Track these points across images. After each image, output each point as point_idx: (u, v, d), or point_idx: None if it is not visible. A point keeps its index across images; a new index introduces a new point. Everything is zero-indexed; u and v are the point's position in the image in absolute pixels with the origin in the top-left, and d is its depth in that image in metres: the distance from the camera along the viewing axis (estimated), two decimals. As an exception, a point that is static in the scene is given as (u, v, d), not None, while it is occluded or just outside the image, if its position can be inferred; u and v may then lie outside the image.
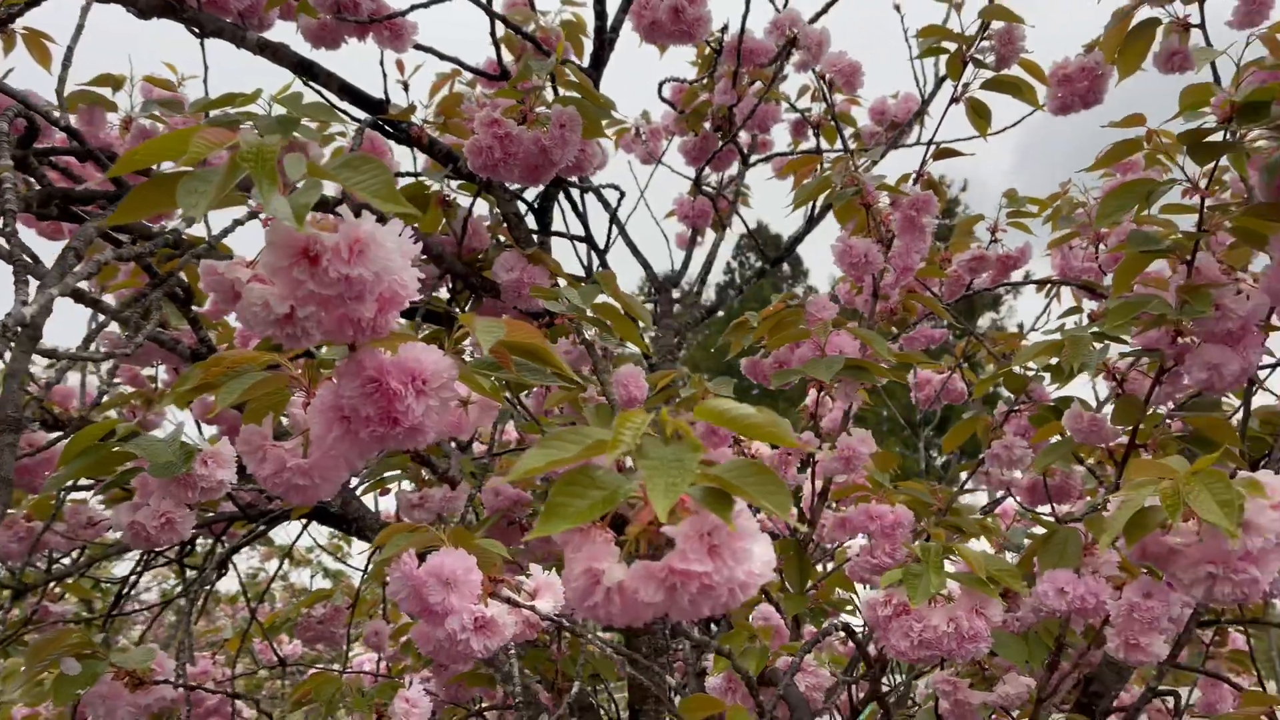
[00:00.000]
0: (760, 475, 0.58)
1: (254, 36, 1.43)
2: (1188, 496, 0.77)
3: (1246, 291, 1.16)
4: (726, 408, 0.59)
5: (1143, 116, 1.13)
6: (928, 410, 2.44)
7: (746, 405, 0.58)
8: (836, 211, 1.49)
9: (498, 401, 0.80)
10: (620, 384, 1.52)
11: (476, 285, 1.56)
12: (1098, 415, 1.27)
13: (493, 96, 1.43)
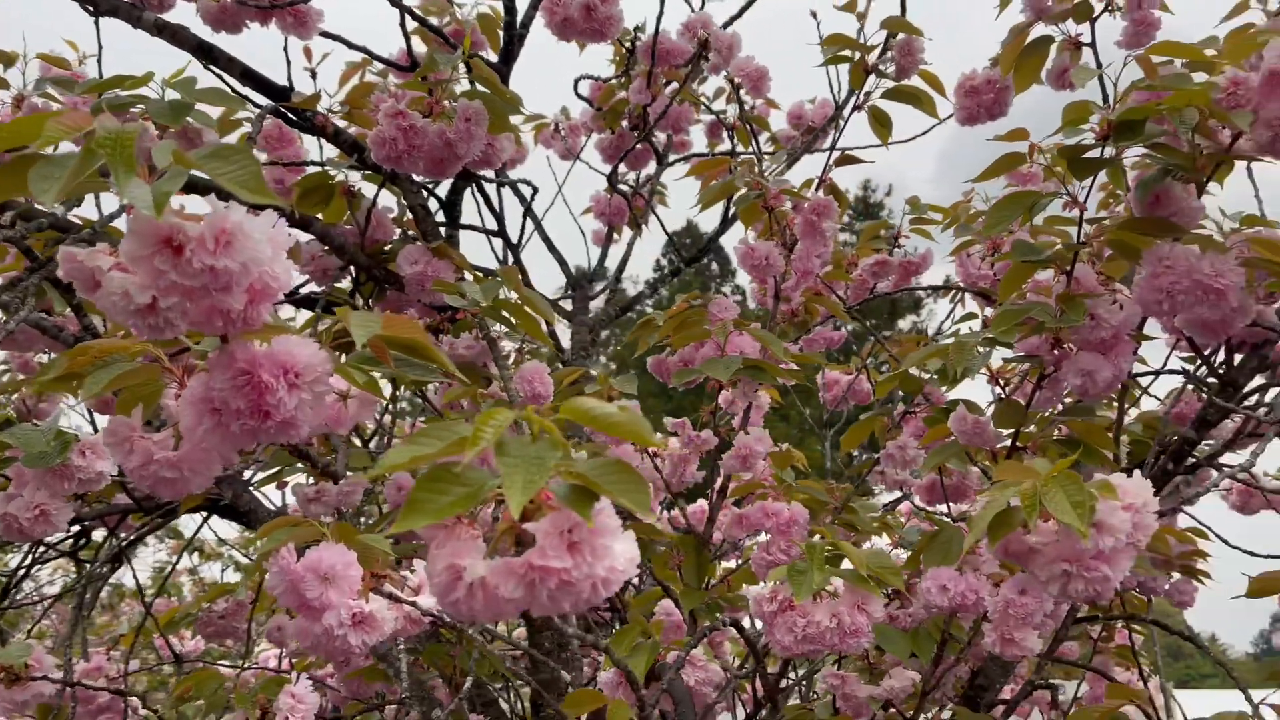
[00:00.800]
0: (622, 473, 0.59)
1: (151, 17, 1.40)
2: (1044, 498, 0.81)
3: (1121, 302, 1.22)
4: (590, 406, 0.60)
5: (1026, 131, 1.17)
6: (834, 410, 2.49)
7: (610, 405, 0.59)
8: (740, 214, 1.51)
9: (377, 396, 0.80)
10: (524, 380, 1.52)
11: (380, 278, 1.55)
12: (980, 418, 1.32)
13: (400, 88, 1.42)
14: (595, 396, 1.61)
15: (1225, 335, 1.24)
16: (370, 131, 1.39)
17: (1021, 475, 0.87)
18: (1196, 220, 1.20)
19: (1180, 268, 1.15)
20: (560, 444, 0.58)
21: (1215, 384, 1.57)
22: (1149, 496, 0.84)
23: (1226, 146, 1.20)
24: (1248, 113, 1.10)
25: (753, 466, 1.45)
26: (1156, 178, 1.18)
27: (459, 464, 0.58)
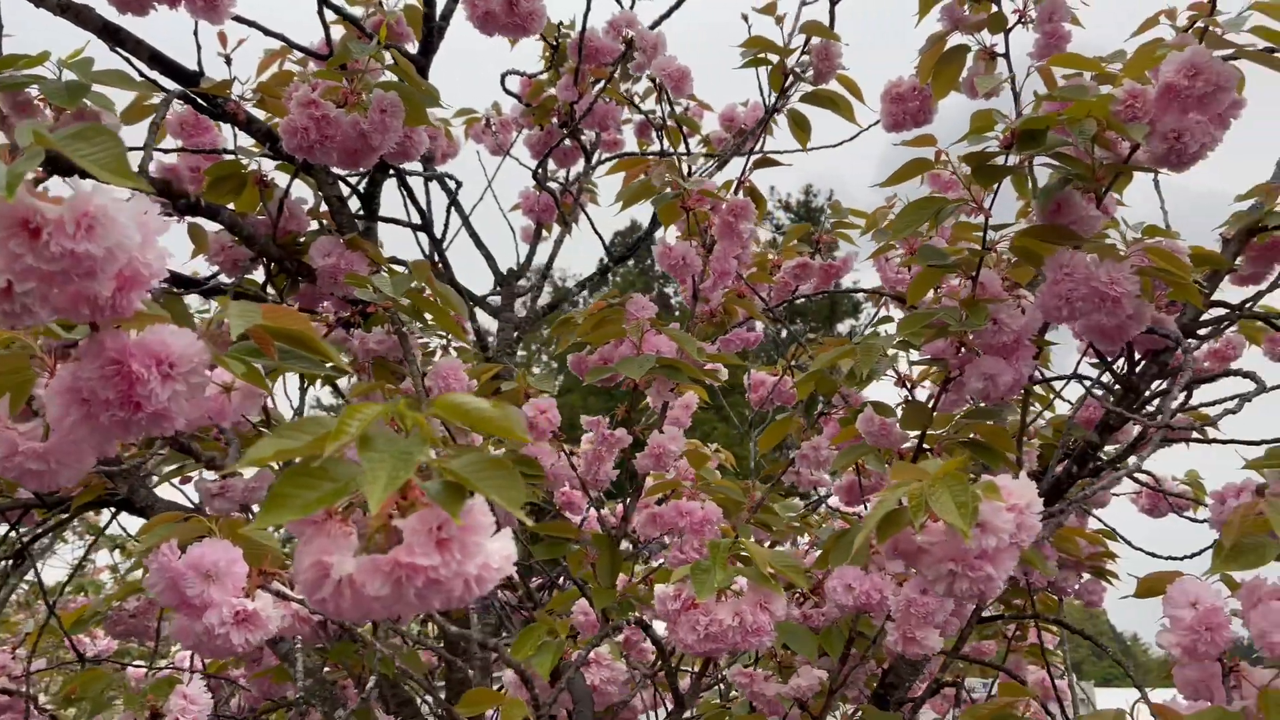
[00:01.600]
0: (496, 470, 0.58)
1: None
2: (930, 498, 0.82)
3: (1023, 307, 1.24)
4: (461, 402, 0.59)
5: (933, 137, 1.19)
6: (759, 411, 2.51)
7: (483, 400, 0.59)
8: (659, 214, 1.51)
9: (261, 388, 0.78)
10: (439, 377, 1.51)
11: (292, 270, 1.52)
12: (887, 420, 1.34)
13: (314, 76, 1.40)
14: (512, 395, 1.60)
15: (1121, 341, 1.28)
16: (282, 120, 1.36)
17: (913, 476, 0.88)
18: (1095, 228, 1.23)
19: (1079, 275, 1.18)
20: (430, 439, 0.57)
21: (1118, 389, 1.62)
22: (1033, 497, 0.85)
23: (1125, 158, 1.23)
24: (1143, 125, 1.13)
25: (666, 465, 1.45)
26: (1057, 186, 1.21)
27: (331, 458, 0.57)
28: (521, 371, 1.60)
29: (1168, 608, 0.96)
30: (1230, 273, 1.62)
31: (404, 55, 1.58)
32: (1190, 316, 1.58)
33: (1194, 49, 1.12)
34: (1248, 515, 0.87)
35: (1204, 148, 1.15)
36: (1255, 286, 1.66)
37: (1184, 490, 2.15)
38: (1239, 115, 1.19)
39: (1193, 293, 1.22)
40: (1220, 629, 0.93)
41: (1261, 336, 2.08)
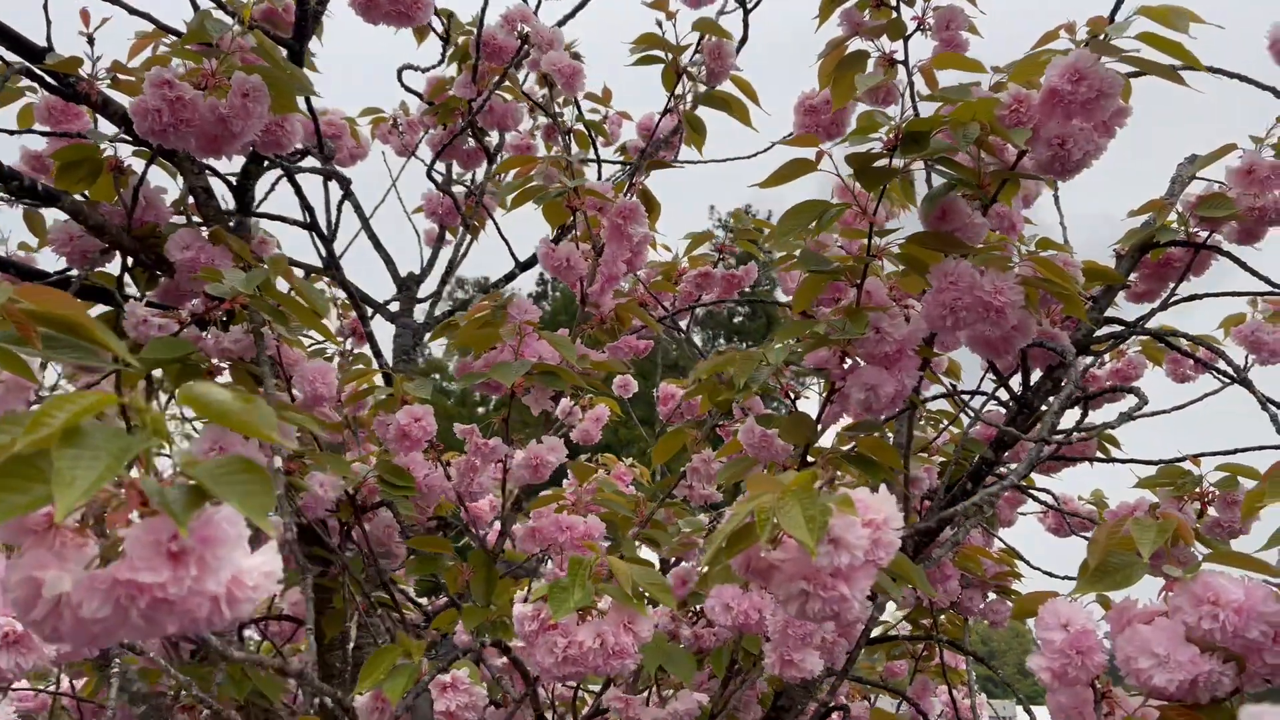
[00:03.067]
0: (246, 474, 0.51)
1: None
2: (778, 512, 0.76)
3: (906, 316, 1.20)
4: (203, 393, 0.51)
5: (815, 138, 1.15)
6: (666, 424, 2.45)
7: (226, 393, 0.51)
8: (544, 213, 1.45)
9: (29, 380, 0.69)
10: (305, 380, 1.42)
11: (149, 263, 1.42)
12: (768, 431, 1.28)
13: (171, 53, 1.30)
14: (388, 402, 1.52)
15: (1007, 354, 1.24)
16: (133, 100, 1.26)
17: (768, 488, 0.82)
18: (981, 237, 1.19)
19: (963, 284, 1.14)
20: (161, 435, 0.49)
21: (1013, 406, 1.59)
22: (892, 512, 0.80)
23: (1011, 165, 1.20)
24: (1025, 130, 1.10)
25: (543, 476, 1.38)
26: (941, 192, 1.17)
27: (44, 454, 0.49)
28: (399, 378, 1.51)
29: (1039, 630, 0.92)
30: (1124, 289, 1.60)
31: (278, 40, 1.50)
32: (1085, 333, 1.56)
33: (1078, 53, 1.09)
34: (1114, 534, 0.83)
35: (1088, 155, 1.12)
36: (1151, 304, 1.65)
37: (1090, 510, 2.14)
38: (1124, 123, 1.16)
39: (1077, 305, 1.19)
40: (1091, 653, 0.88)
41: (1163, 357, 2.09)
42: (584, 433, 2.77)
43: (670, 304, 2.02)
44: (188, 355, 1.29)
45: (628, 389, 2.75)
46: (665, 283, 2.00)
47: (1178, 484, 1.47)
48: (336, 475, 1.35)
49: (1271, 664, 0.77)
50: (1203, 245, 1.54)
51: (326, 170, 2.05)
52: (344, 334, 2.63)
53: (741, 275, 1.91)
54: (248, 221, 1.60)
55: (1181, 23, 1.06)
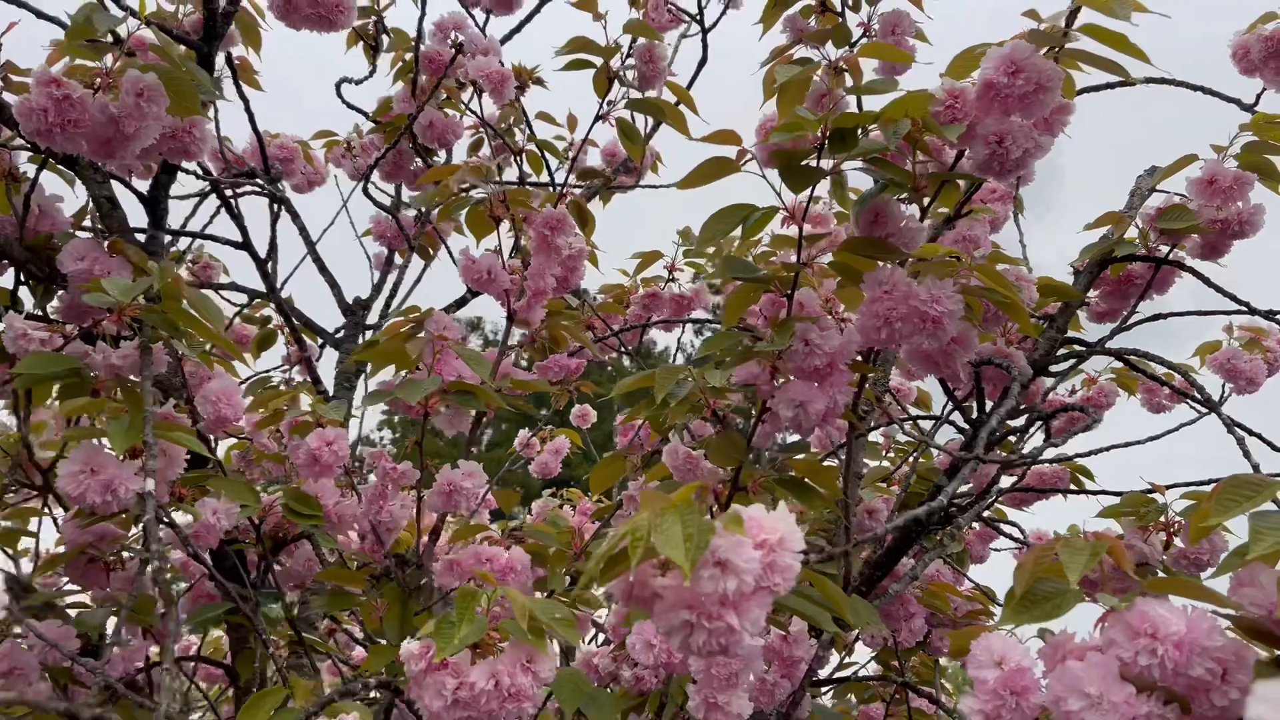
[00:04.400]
0: None
1: None
2: (655, 530, 0.67)
3: (837, 328, 1.11)
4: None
5: (736, 134, 1.07)
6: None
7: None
8: (466, 223, 1.36)
9: None
10: (207, 401, 1.33)
11: (42, 276, 1.33)
12: (693, 453, 1.19)
13: (61, 49, 1.23)
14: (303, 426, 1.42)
15: (948, 369, 1.16)
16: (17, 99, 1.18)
17: (659, 505, 0.73)
18: (918, 243, 1.11)
19: (898, 293, 1.06)
20: None
21: (968, 430, 1.50)
22: (789, 531, 0.71)
23: (949, 165, 1.12)
24: (960, 126, 1.02)
25: (458, 504, 1.28)
26: (872, 194, 1.09)
27: None
28: (316, 399, 1.42)
29: (971, 668, 0.82)
30: (1083, 306, 1.53)
31: (186, 43, 1.43)
32: (1043, 353, 1.48)
33: (1014, 44, 1.02)
34: (1042, 558, 0.73)
35: (1028, 154, 1.04)
36: (1114, 323, 1.57)
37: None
38: (1067, 121, 1.09)
39: (1021, 314, 1.11)
40: (1027, 693, 0.79)
41: (1136, 385, 2.01)
42: (543, 465, 2.68)
43: (621, 325, 1.94)
44: (72, 372, 1.20)
45: (586, 419, 2.67)
46: (614, 305, 1.92)
47: (1140, 513, 1.38)
48: (233, 502, 1.25)
49: (1219, 705, 0.67)
50: (1164, 260, 1.46)
51: (262, 188, 1.97)
52: (290, 362, 2.54)
53: (691, 296, 1.82)
54: (160, 236, 1.52)
55: (1124, 10, 0.99)
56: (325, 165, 2.53)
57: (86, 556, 1.43)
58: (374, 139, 2.37)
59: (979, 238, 1.54)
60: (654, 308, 1.83)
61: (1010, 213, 1.69)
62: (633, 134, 1.47)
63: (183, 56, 1.27)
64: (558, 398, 2.50)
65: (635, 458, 1.53)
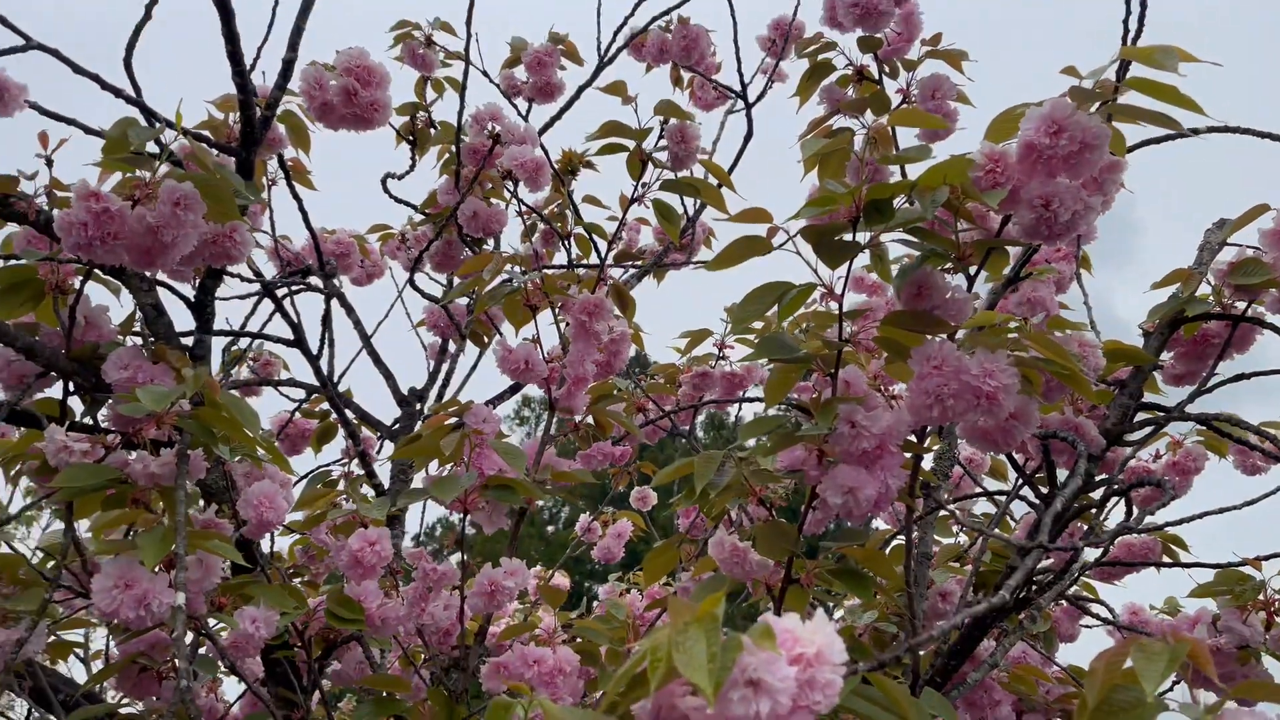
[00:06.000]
0: None
1: None
2: (677, 649, 0.61)
3: (886, 407, 1.05)
4: None
5: (767, 213, 1.03)
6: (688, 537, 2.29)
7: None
8: (504, 313, 1.34)
9: None
10: (250, 505, 1.31)
11: (86, 387, 1.34)
12: (739, 544, 1.13)
13: (102, 165, 1.25)
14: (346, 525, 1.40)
15: (1008, 446, 1.08)
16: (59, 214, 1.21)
17: (682, 619, 0.67)
18: (966, 314, 1.05)
19: (949, 368, 1.00)
20: None
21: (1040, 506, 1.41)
22: (828, 643, 0.64)
23: (995, 232, 1.07)
24: (1000, 191, 0.97)
25: (501, 605, 1.23)
26: (914, 266, 1.04)
27: None
28: (361, 498, 1.40)
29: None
30: (1156, 369, 1.43)
31: (227, 151, 1.45)
32: (1115, 420, 1.39)
33: (1054, 103, 0.97)
34: (1115, 664, 0.66)
35: (1078, 216, 0.98)
36: (1192, 385, 1.47)
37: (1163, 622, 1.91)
38: (1120, 179, 1.03)
39: (1084, 385, 1.03)
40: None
41: (1226, 448, 1.88)
42: (605, 550, 2.62)
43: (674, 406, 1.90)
44: (114, 482, 1.19)
45: (646, 502, 2.61)
46: (665, 385, 1.88)
47: (1236, 591, 1.27)
48: (274, 609, 1.23)
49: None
50: (1242, 317, 1.37)
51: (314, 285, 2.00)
52: (347, 455, 2.55)
53: (743, 374, 1.77)
54: (206, 339, 1.53)
55: (1170, 62, 0.94)
56: (382, 258, 2.56)
57: (138, 666, 1.41)
58: (426, 230, 2.40)
59: (1044, 299, 1.47)
60: (705, 387, 1.79)
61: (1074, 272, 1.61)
62: (670, 214, 1.45)
63: (220, 164, 1.28)
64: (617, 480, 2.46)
65: (689, 546, 1.47)
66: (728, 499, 1.17)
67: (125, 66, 1.41)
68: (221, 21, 1.30)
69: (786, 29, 2.24)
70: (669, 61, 2.22)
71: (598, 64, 2.06)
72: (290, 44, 1.39)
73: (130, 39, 1.40)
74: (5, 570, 1.36)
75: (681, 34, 2.13)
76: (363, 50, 1.58)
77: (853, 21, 1.42)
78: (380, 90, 1.54)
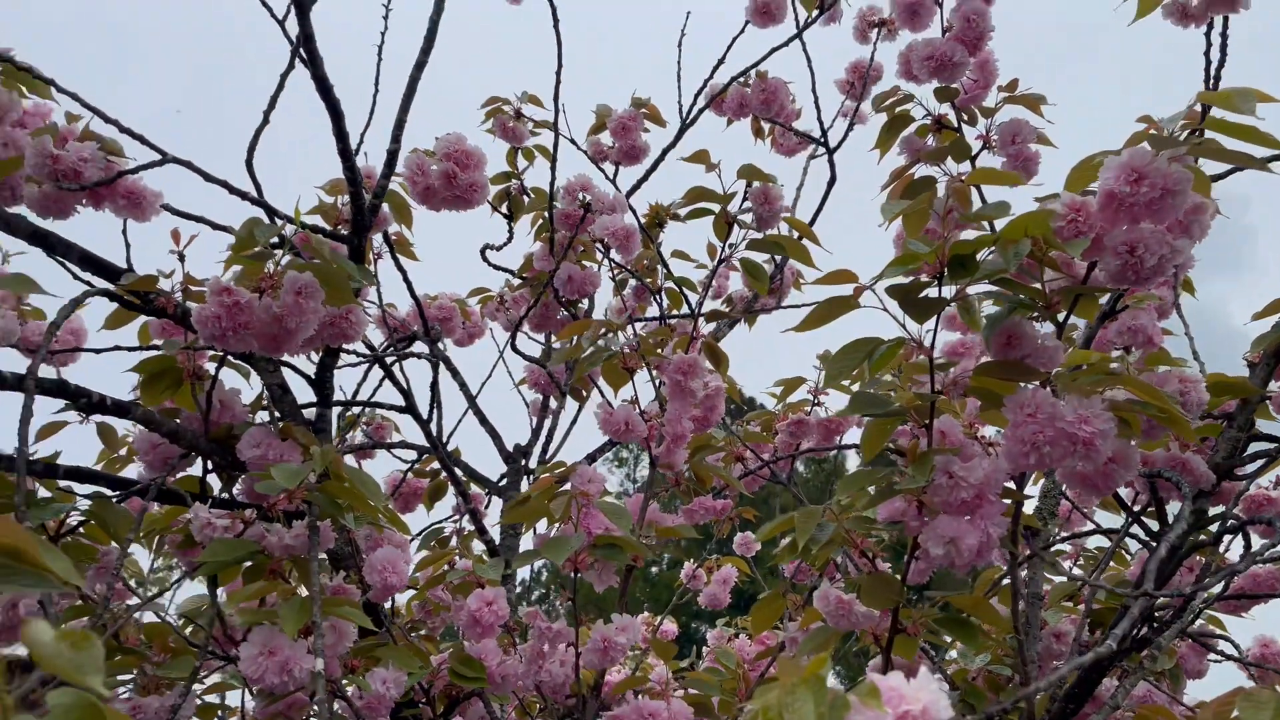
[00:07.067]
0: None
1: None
2: (787, 708, 0.64)
3: (984, 455, 1.07)
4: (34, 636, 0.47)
5: (853, 274, 1.06)
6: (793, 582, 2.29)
7: (52, 636, 0.47)
8: (604, 378, 1.40)
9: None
10: (374, 570, 1.39)
11: (223, 465, 1.45)
12: (844, 596, 1.15)
13: (228, 262, 1.36)
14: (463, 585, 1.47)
15: (1109, 490, 1.08)
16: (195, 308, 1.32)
17: (791, 678, 0.71)
18: (1057, 361, 1.06)
19: (1043, 415, 1.01)
20: None
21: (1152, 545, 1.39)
22: (932, 700, 0.67)
23: (1082, 278, 1.08)
24: (1082, 241, 0.98)
25: (614, 660, 1.28)
26: (1002, 317, 1.06)
27: None
28: (476, 558, 1.47)
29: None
30: (1265, 400, 1.40)
31: (338, 238, 1.56)
32: (1225, 454, 1.36)
33: (1132, 151, 0.98)
34: (1222, 713, 0.66)
35: (1164, 261, 0.99)
36: (1304, 415, 1.44)
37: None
38: (1207, 221, 1.03)
39: (1183, 426, 1.03)
40: None
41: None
42: (712, 596, 2.64)
43: (771, 455, 1.92)
44: (252, 554, 1.28)
45: (749, 548, 2.62)
46: (762, 434, 1.91)
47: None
48: (401, 670, 1.30)
49: None
50: (1350, 343, 1.33)
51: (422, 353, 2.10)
52: (458, 512, 2.64)
53: (842, 420, 1.79)
54: (327, 414, 1.63)
55: (1247, 105, 0.95)
56: (482, 319, 2.66)
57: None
58: (524, 293, 2.49)
59: (1144, 328, 1.45)
60: (802, 434, 1.81)
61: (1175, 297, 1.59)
62: (758, 272, 1.49)
63: (334, 252, 1.38)
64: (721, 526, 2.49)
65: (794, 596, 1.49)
66: (830, 552, 1.20)
67: (247, 167, 1.53)
68: (332, 121, 1.41)
69: (865, 71, 2.27)
70: (749, 115, 2.27)
71: (680, 125, 2.13)
72: (393, 136, 1.50)
73: (251, 142, 1.52)
74: (155, 639, 1.47)
75: (760, 88, 2.19)
76: (460, 135, 1.67)
77: (928, 74, 1.45)
78: (478, 172, 1.63)
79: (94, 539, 1.44)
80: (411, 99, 1.49)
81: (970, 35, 1.45)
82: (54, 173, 1.33)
